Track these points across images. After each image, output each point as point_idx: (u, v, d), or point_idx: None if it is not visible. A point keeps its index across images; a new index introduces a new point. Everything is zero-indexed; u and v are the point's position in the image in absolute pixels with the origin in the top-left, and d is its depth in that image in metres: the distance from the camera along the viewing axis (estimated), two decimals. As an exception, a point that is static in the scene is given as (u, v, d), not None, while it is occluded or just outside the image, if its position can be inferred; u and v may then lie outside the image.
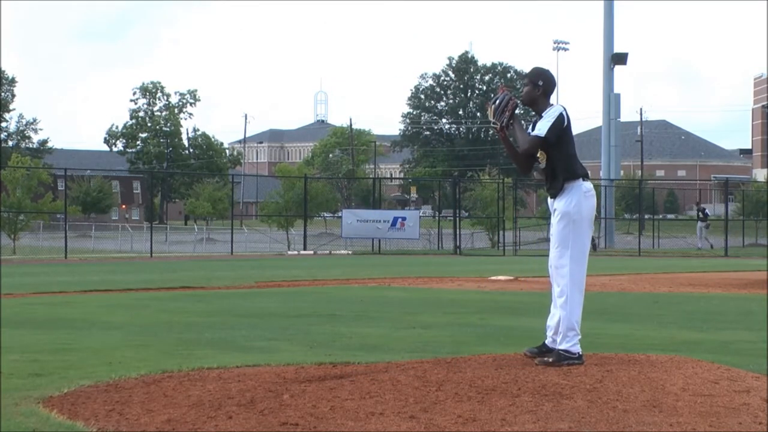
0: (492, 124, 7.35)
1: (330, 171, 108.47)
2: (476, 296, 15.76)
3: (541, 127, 7.13)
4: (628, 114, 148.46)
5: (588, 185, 7.26)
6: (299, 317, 12.13)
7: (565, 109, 7.23)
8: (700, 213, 44.51)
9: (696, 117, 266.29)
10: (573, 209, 7.16)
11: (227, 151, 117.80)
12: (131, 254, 39.06)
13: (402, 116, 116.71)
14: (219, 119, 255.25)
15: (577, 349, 7.08)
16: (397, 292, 17.01)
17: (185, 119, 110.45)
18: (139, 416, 5.53)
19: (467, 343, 9.21)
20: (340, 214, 47.97)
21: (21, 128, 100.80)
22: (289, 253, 39.96)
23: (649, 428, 5.16)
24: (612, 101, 50.61)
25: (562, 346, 7.08)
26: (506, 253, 38.51)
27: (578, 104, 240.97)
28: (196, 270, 24.34)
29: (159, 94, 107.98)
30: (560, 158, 7.21)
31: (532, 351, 7.24)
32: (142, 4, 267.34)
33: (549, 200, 7.31)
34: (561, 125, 7.15)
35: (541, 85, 7.28)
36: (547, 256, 7.37)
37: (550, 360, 7.02)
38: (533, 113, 7.35)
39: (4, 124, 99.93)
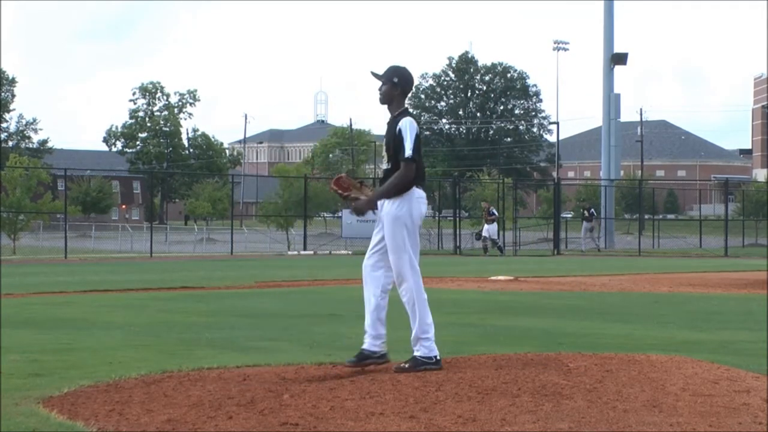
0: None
1: (330, 171, 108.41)
2: (476, 296, 15.76)
3: (407, 148, 6.96)
4: (628, 114, 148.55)
5: (420, 192, 7.14)
6: (299, 317, 12.12)
7: (414, 119, 7.11)
8: (585, 212, 44.16)
9: (696, 117, 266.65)
10: (405, 213, 7.11)
11: (227, 151, 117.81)
12: (131, 254, 39.05)
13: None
14: (219, 119, 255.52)
15: (434, 353, 7.00)
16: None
17: (185, 119, 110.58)
18: (139, 416, 5.53)
19: (467, 343, 9.19)
20: (340, 214, 47.94)
21: (21, 128, 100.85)
22: (289, 253, 39.96)
23: (649, 428, 5.16)
24: (612, 101, 50.60)
25: (420, 353, 6.99)
26: (506, 253, 38.48)
27: (578, 104, 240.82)
28: (196, 270, 24.32)
29: (159, 94, 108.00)
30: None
31: (351, 361, 7.04)
32: (141, 4, 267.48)
33: (379, 203, 7.23)
34: (419, 139, 7.07)
35: (397, 82, 7.09)
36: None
37: (407, 366, 6.90)
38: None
39: (4, 124, 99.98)
